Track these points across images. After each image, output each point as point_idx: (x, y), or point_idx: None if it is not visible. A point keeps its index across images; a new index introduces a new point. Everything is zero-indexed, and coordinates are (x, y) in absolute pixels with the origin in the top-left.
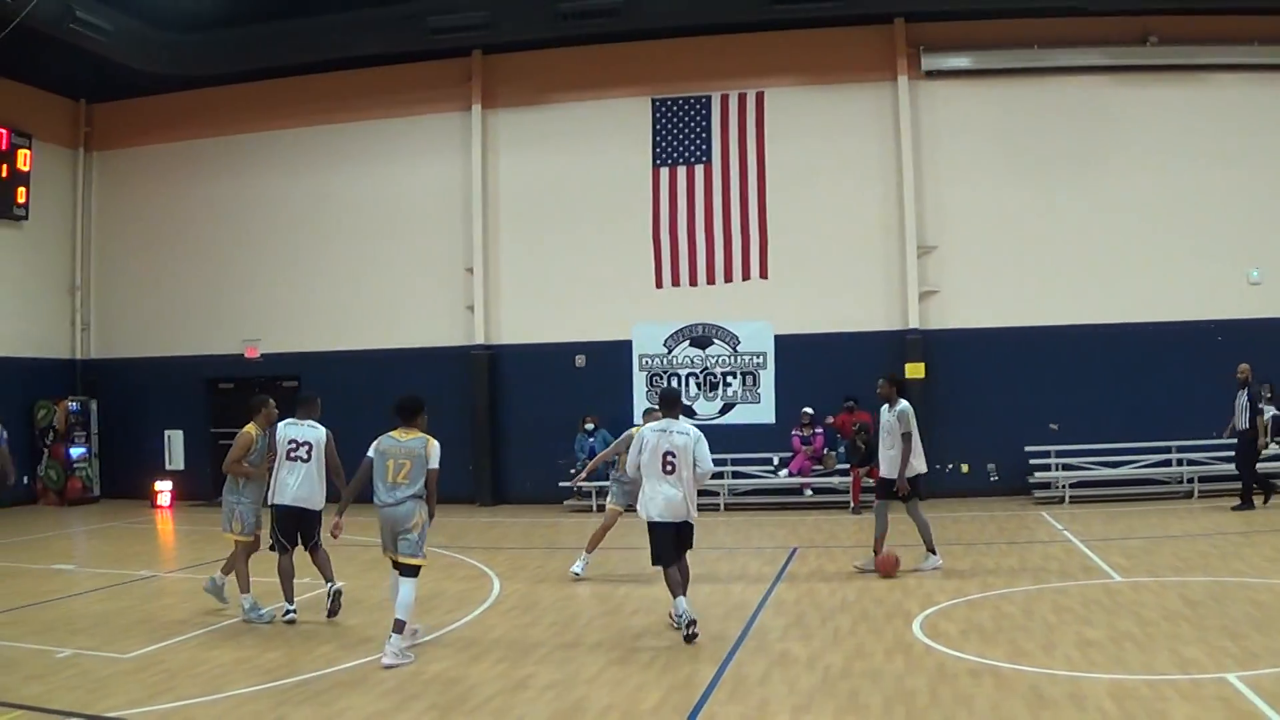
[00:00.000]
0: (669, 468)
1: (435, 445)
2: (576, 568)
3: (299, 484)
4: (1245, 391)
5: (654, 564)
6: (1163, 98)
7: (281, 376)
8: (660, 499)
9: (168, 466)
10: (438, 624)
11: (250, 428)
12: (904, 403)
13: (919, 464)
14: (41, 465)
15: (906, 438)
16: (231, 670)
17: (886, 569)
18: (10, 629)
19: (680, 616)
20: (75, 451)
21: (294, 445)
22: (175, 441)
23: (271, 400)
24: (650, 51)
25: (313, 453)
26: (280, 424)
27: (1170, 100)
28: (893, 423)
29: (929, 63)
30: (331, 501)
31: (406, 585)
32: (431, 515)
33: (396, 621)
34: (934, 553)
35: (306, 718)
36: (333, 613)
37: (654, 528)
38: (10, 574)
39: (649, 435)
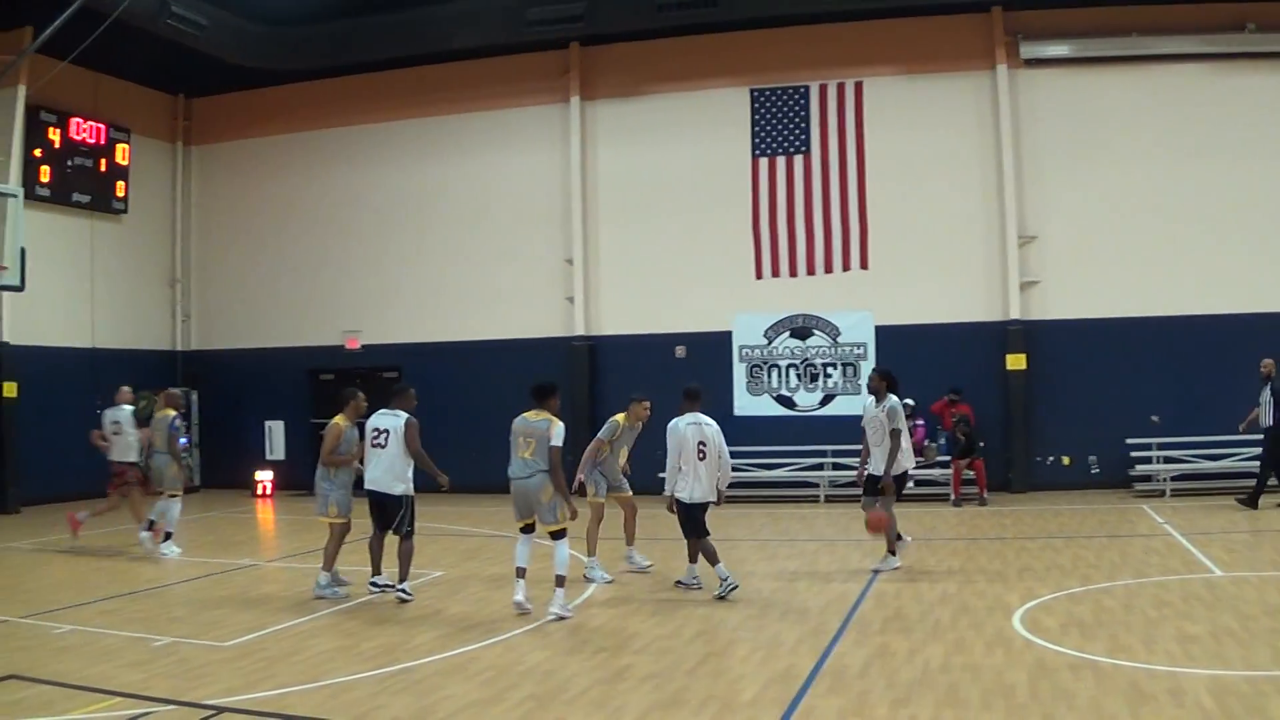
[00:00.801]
0: (702, 455)
1: (559, 425)
2: (599, 575)
3: (377, 470)
4: (1269, 386)
5: (697, 535)
6: (1261, 85)
7: (382, 368)
8: (703, 482)
9: (268, 456)
10: (539, 614)
11: (340, 419)
12: (893, 398)
13: (906, 462)
14: (142, 455)
15: (895, 435)
16: (332, 658)
17: (876, 527)
18: (110, 617)
19: (725, 579)
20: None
21: (376, 433)
22: (276, 432)
23: (361, 393)
24: (748, 41)
25: (390, 439)
26: (375, 414)
27: (1269, 88)
28: (881, 418)
29: (1027, 51)
30: (425, 490)
31: (560, 546)
32: (558, 488)
33: (558, 577)
34: (894, 554)
35: (405, 706)
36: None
37: (697, 508)
38: (112, 562)
39: (685, 428)
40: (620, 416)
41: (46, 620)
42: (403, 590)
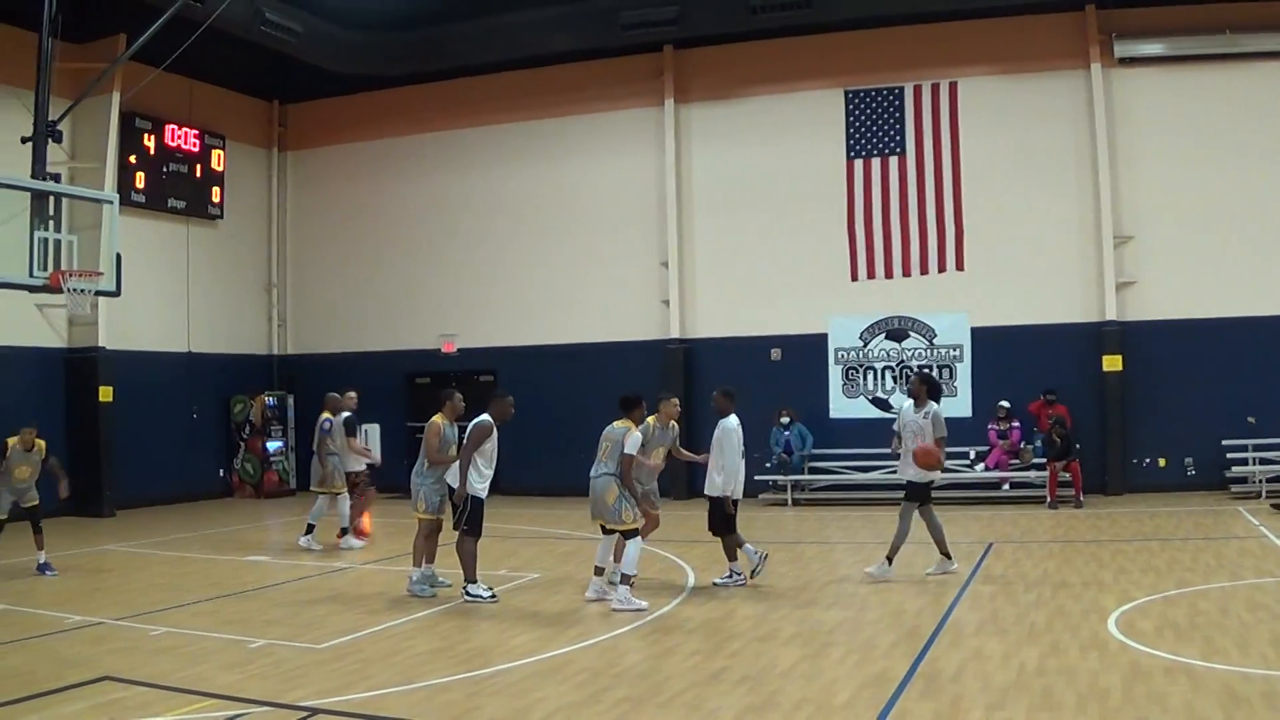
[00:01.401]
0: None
1: (634, 435)
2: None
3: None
4: None
5: (732, 530)
6: None
7: (477, 371)
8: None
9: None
10: (635, 615)
11: (438, 418)
12: (934, 405)
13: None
14: (238, 459)
15: (941, 443)
16: (427, 660)
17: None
18: (205, 619)
19: (755, 554)
20: (272, 445)
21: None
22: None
23: (458, 394)
24: (842, 43)
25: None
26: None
27: None
28: (921, 425)
29: (1122, 50)
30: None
31: (629, 545)
32: (624, 493)
33: (622, 575)
34: (949, 556)
35: (500, 708)
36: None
37: (737, 504)
38: (206, 565)
39: (738, 428)
40: (650, 419)
41: (142, 622)
42: (464, 590)
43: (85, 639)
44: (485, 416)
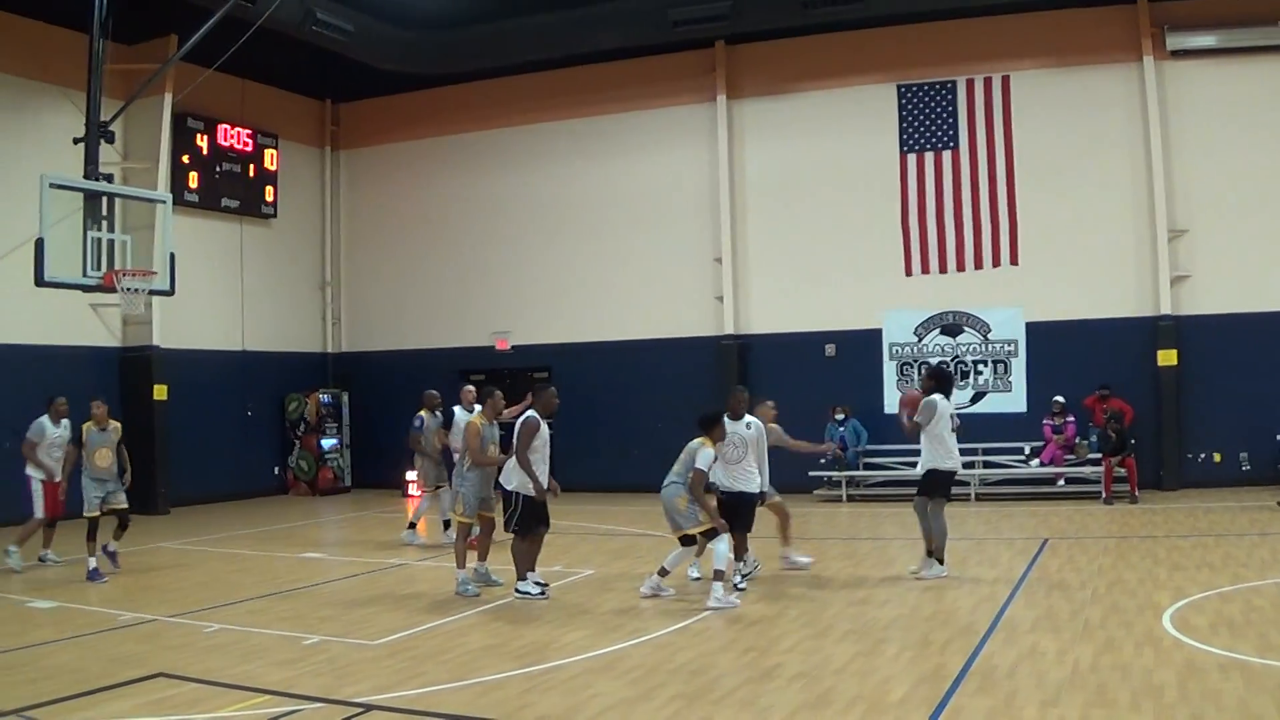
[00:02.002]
0: None
1: (705, 452)
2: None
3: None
4: None
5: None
6: None
7: (532, 368)
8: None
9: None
10: (689, 612)
11: (476, 418)
12: (935, 398)
13: (948, 461)
14: (293, 456)
15: (916, 426)
16: (481, 656)
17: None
18: (260, 616)
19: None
20: (327, 443)
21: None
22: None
23: (499, 392)
24: (894, 37)
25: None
26: None
27: None
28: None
29: (1174, 42)
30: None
31: (717, 543)
32: (695, 502)
33: (716, 571)
34: (940, 562)
35: (553, 704)
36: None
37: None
38: (261, 562)
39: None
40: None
41: (195, 619)
42: (515, 588)
43: (138, 636)
44: (532, 412)
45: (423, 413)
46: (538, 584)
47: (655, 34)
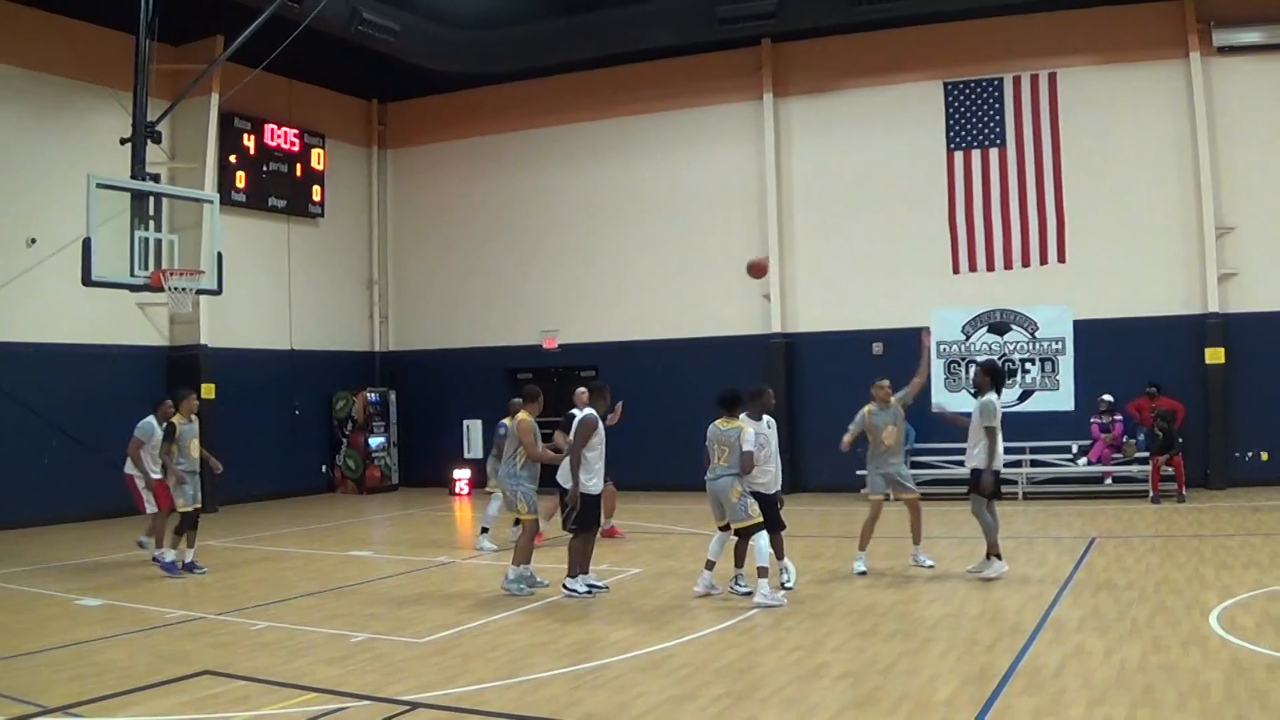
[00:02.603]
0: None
1: (749, 432)
2: (859, 566)
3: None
4: None
5: (777, 529)
6: None
7: (579, 366)
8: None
9: (466, 455)
10: (736, 611)
11: (525, 415)
12: (990, 395)
13: (996, 462)
14: (340, 455)
15: (990, 432)
16: (528, 654)
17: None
18: (308, 613)
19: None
20: (374, 441)
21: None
22: (474, 430)
23: (541, 391)
24: (940, 34)
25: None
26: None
27: None
28: (975, 415)
29: (1220, 38)
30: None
31: (759, 538)
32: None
33: (759, 569)
34: (999, 557)
35: (600, 702)
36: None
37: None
38: (309, 560)
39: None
40: (867, 408)
41: (243, 617)
42: (564, 584)
43: (185, 633)
44: (590, 411)
45: (506, 419)
46: (592, 586)
47: (701, 32)
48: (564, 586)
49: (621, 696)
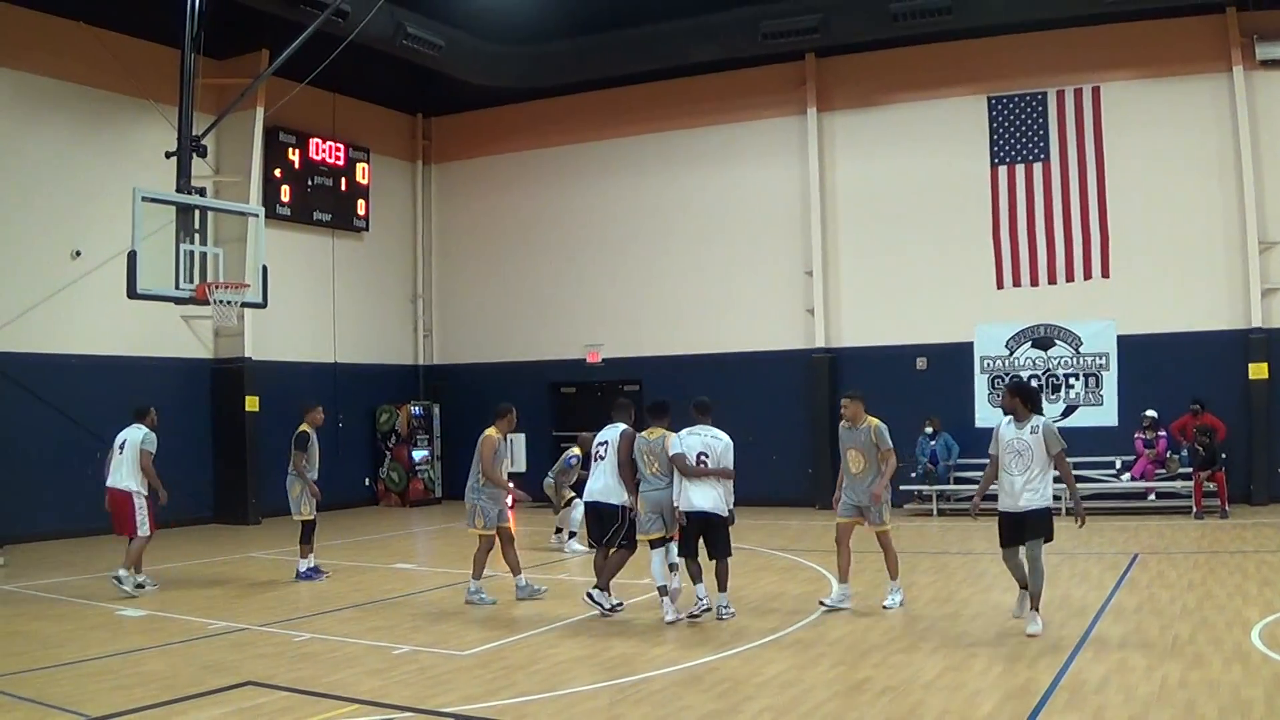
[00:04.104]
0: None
1: (673, 438)
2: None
3: (598, 481)
4: None
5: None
6: None
7: (623, 380)
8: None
9: (509, 469)
10: (777, 625)
11: (493, 431)
12: (1043, 419)
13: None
14: (383, 468)
15: (1063, 455)
16: (572, 667)
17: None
18: (351, 625)
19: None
20: (418, 454)
21: (600, 445)
22: (518, 444)
23: (513, 409)
24: (984, 49)
25: (609, 451)
26: (605, 429)
27: None
28: (1031, 442)
29: (1263, 52)
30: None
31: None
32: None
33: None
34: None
35: (643, 716)
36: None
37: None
38: (353, 573)
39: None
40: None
41: (286, 628)
42: (590, 595)
43: (228, 644)
44: (627, 427)
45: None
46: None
47: (746, 47)
48: (589, 597)
49: (663, 711)
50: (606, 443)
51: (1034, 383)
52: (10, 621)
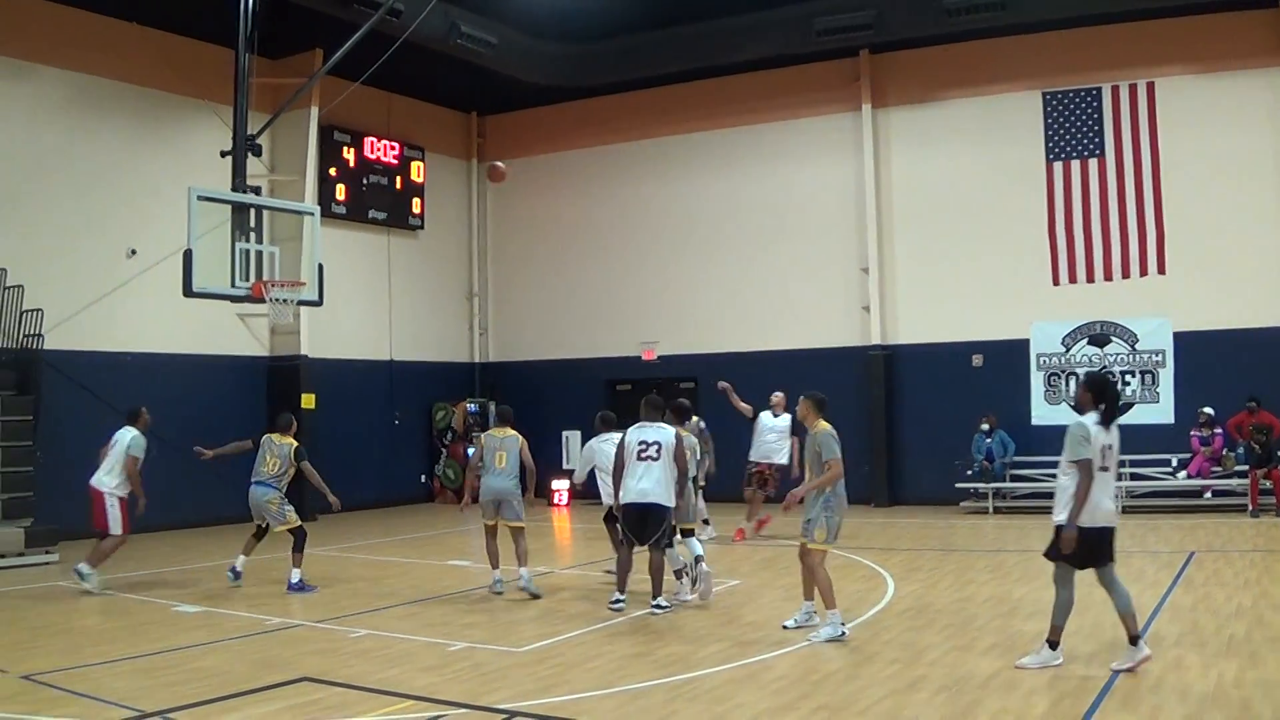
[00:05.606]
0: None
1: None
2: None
3: (647, 481)
4: None
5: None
6: None
7: (678, 378)
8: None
9: (565, 466)
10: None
11: (482, 436)
12: (1083, 419)
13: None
14: (439, 464)
15: (1081, 468)
16: (626, 665)
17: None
18: (406, 622)
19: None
20: (473, 451)
21: (644, 445)
22: (573, 442)
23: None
24: (1038, 44)
25: (661, 452)
26: (630, 428)
27: None
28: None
29: None
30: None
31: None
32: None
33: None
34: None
35: (697, 714)
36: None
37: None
38: (408, 569)
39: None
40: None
41: (342, 625)
42: (659, 604)
43: (284, 641)
44: (675, 429)
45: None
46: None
47: (800, 43)
48: (660, 606)
49: (719, 708)
50: (658, 443)
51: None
52: (65, 617)
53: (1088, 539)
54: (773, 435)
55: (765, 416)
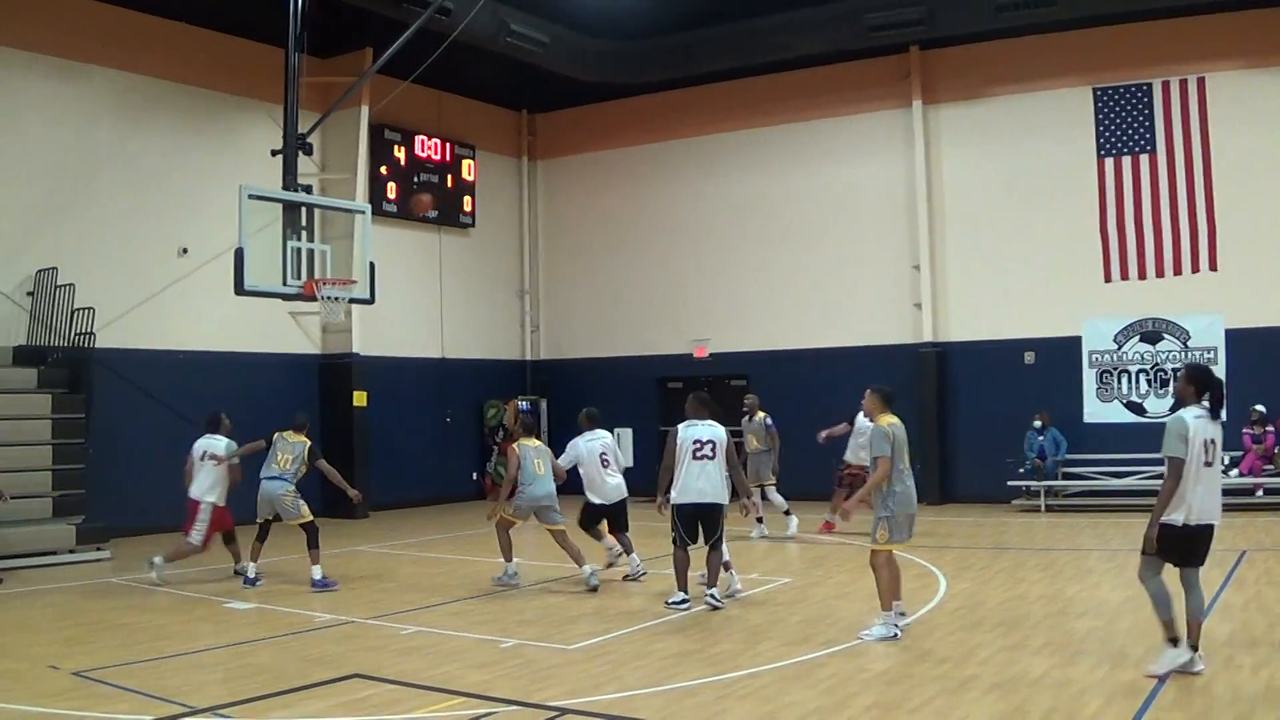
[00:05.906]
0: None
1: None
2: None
3: (706, 481)
4: None
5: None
6: None
7: (729, 375)
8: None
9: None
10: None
11: (516, 447)
12: (1183, 413)
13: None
14: (491, 462)
15: (1171, 466)
16: (677, 662)
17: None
18: (458, 619)
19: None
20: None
21: (698, 444)
22: (625, 439)
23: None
24: (1088, 40)
25: (717, 450)
26: (680, 426)
27: None
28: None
29: None
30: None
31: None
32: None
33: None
34: (1173, 642)
35: (748, 712)
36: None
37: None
38: (460, 566)
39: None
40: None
41: (393, 621)
42: (713, 595)
43: (335, 637)
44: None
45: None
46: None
47: (850, 40)
48: (714, 598)
49: (769, 706)
50: (712, 441)
51: (1142, 378)
52: (118, 613)
53: (1189, 535)
54: (864, 437)
55: (860, 419)
